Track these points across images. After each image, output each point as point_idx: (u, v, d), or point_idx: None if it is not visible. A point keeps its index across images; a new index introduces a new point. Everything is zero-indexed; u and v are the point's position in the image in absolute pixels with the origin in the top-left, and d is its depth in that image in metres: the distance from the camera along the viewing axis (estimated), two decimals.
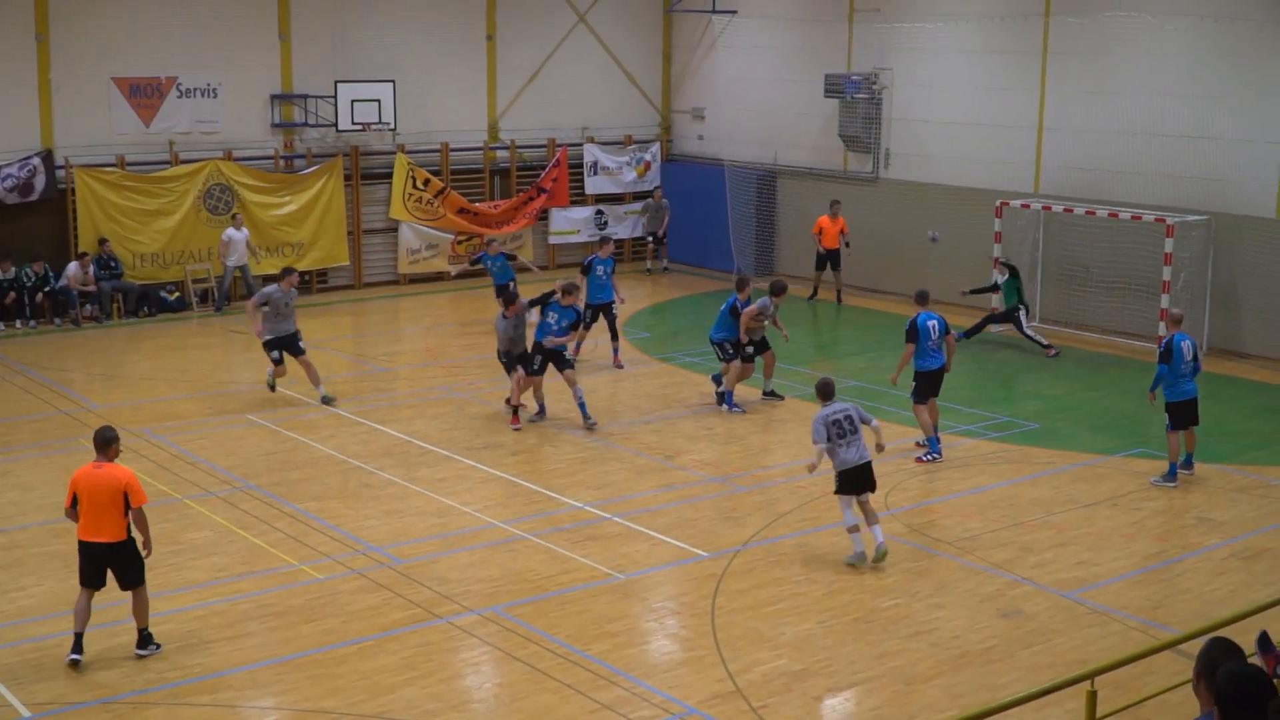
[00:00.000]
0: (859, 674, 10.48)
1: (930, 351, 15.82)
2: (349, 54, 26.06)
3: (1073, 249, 22.86)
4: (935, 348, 15.84)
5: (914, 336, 15.73)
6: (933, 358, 15.82)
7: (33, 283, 22.92)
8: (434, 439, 16.62)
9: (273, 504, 14.21)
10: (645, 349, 21.82)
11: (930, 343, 15.80)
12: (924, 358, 15.81)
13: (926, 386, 15.88)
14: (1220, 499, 14.64)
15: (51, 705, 9.84)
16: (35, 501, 14.35)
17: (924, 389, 15.87)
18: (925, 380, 15.87)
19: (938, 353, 15.86)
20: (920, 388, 15.89)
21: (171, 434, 16.75)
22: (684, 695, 10.04)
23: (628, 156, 29.55)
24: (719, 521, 13.87)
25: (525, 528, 13.55)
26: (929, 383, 15.89)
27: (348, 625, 11.22)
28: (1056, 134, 23.34)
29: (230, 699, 9.97)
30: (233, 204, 24.89)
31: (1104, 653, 10.54)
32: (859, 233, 26.56)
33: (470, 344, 22.29)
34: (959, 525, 13.76)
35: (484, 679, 10.50)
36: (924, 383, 15.87)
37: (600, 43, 29.25)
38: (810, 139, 27.47)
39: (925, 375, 15.84)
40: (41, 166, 23.24)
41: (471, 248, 27.69)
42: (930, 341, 15.79)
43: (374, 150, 26.67)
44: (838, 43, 26.68)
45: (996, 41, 24.07)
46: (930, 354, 15.82)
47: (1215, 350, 21.38)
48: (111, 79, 23.99)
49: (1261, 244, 20.82)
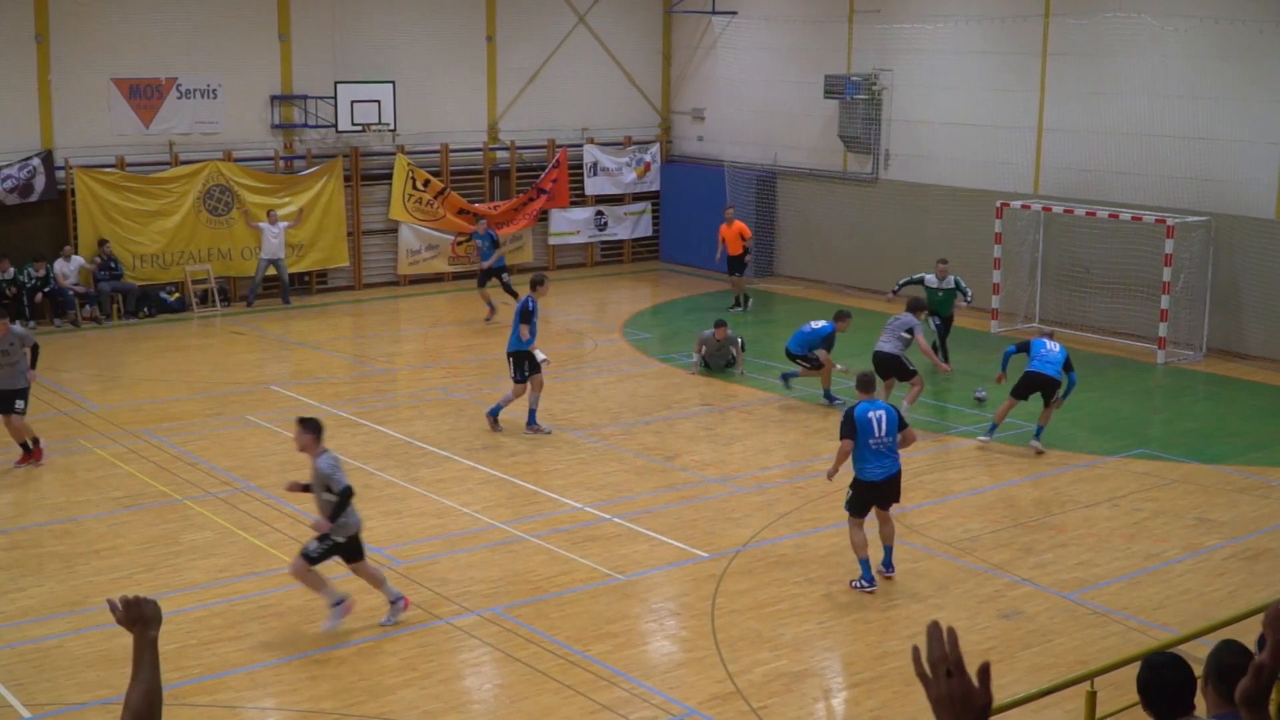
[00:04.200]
0: (859, 675, 10.48)
1: (873, 453, 11.78)
2: (349, 55, 26.07)
3: (1073, 250, 22.86)
4: (881, 448, 11.79)
5: (850, 432, 11.75)
6: (876, 462, 11.79)
7: (33, 283, 22.92)
8: (434, 440, 16.62)
9: (273, 505, 14.21)
10: (645, 349, 21.83)
11: (874, 441, 11.76)
12: (865, 461, 11.80)
13: (865, 499, 11.91)
14: (1220, 500, 14.64)
15: (51, 706, 9.83)
16: (34, 502, 14.35)
17: (861, 502, 11.91)
18: (865, 492, 11.88)
19: (885, 455, 11.81)
20: (857, 499, 11.92)
21: (171, 435, 16.75)
22: (684, 696, 10.04)
23: (628, 157, 29.56)
24: (719, 522, 13.86)
25: (525, 528, 13.55)
26: (869, 495, 11.91)
27: (348, 626, 11.22)
28: (1056, 135, 23.35)
29: (230, 699, 9.96)
30: (233, 204, 24.90)
31: (1104, 653, 10.54)
32: (859, 233, 26.59)
33: (470, 345, 22.30)
34: (959, 526, 13.76)
35: (484, 680, 10.50)
36: (862, 495, 11.90)
37: (600, 43, 29.25)
38: (810, 140, 27.48)
39: (866, 486, 11.86)
40: (41, 167, 23.24)
41: (471, 249, 27.72)
42: (874, 440, 11.75)
43: (374, 151, 26.67)
44: (837, 44, 26.69)
45: (996, 42, 24.08)
46: (873, 457, 11.78)
47: (1215, 351, 21.40)
48: (111, 80, 24.00)
49: (1262, 245, 20.83)
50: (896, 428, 11.88)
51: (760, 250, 28.12)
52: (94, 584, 12.09)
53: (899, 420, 11.95)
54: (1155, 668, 5.16)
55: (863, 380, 12.24)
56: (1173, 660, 5.19)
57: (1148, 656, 5.29)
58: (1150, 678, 5.14)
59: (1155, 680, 5.13)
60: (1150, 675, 5.15)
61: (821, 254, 27.38)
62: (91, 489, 14.76)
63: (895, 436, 11.86)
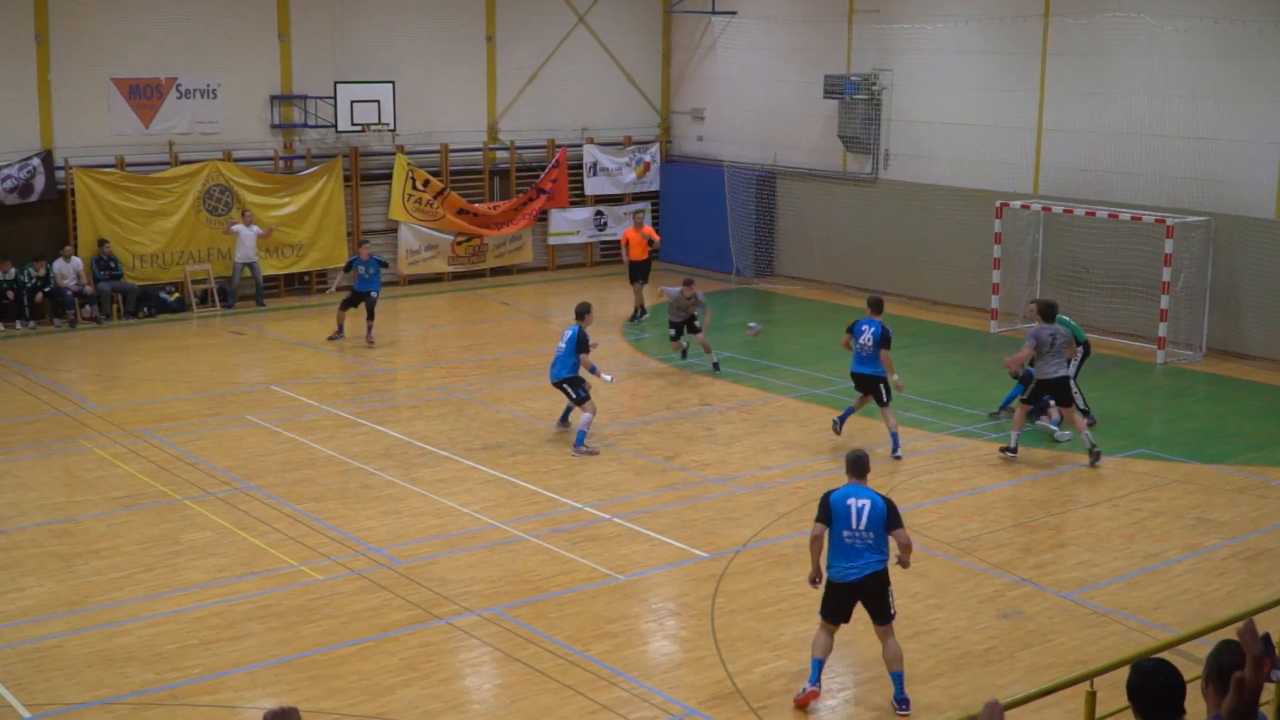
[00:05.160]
0: (859, 675, 10.48)
1: (845, 547, 9.67)
2: (349, 55, 26.07)
3: (1072, 250, 22.86)
4: (856, 543, 9.65)
5: (823, 516, 9.74)
6: (847, 559, 9.67)
7: (33, 283, 22.92)
8: (434, 440, 16.62)
9: (272, 505, 14.21)
10: (645, 349, 21.83)
11: (848, 534, 9.64)
12: (835, 555, 9.72)
13: (834, 602, 9.83)
14: (1220, 499, 14.63)
15: (51, 706, 9.83)
16: (35, 502, 14.35)
17: (829, 605, 9.85)
18: (833, 594, 9.81)
19: (861, 552, 9.65)
20: (825, 601, 9.87)
21: (171, 435, 16.75)
22: (684, 696, 10.04)
23: (627, 157, 29.55)
24: (719, 522, 13.86)
25: (525, 528, 13.55)
26: (840, 599, 9.80)
27: (347, 626, 11.22)
28: (1056, 135, 23.35)
29: (230, 699, 9.96)
30: (233, 204, 24.91)
31: (1104, 653, 10.54)
32: (858, 233, 26.58)
33: (470, 345, 22.30)
34: (959, 526, 13.76)
35: (484, 680, 10.50)
36: (830, 596, 9.84)
37: (600, 43, 29.25)
38: (810, 140, 27.48)
39: (833, 588, 9.79)
40: (41, 167, 23.24)
41: (471, 249, 27.73)
42: (848, 532, 9.63)
43: (373, 151, 26.67)
44: (837, 44, 26.69)
45: (996, 42, 24.08)
46: (844, 551, 9.68)
47: (1215, 351, 21.40)
48: (111, 80, 24.00)
49: (1261, 245, 20.83)
50: (883, 524, 9.61)
51: (760, 250, 28.14)
52: (93, 584, 12.09)
53: (888, 515, 9.64)
54: (1145, 673, 5.14)
55: (852, 461, 9.98)
56: (1162, 665, 5.18)
57: (1137, 662, 5.28)
58: (1140, 682, 5.13)
59: (1146, 685, 5.11)
60: (1140, 680, 5.13)
61: (821, 254, 27.38)
62: (91, 489, 14.76)
63: (879, 533, 9.62)
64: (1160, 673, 5.12)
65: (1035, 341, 15.66)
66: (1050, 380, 15.71)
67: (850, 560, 9.62)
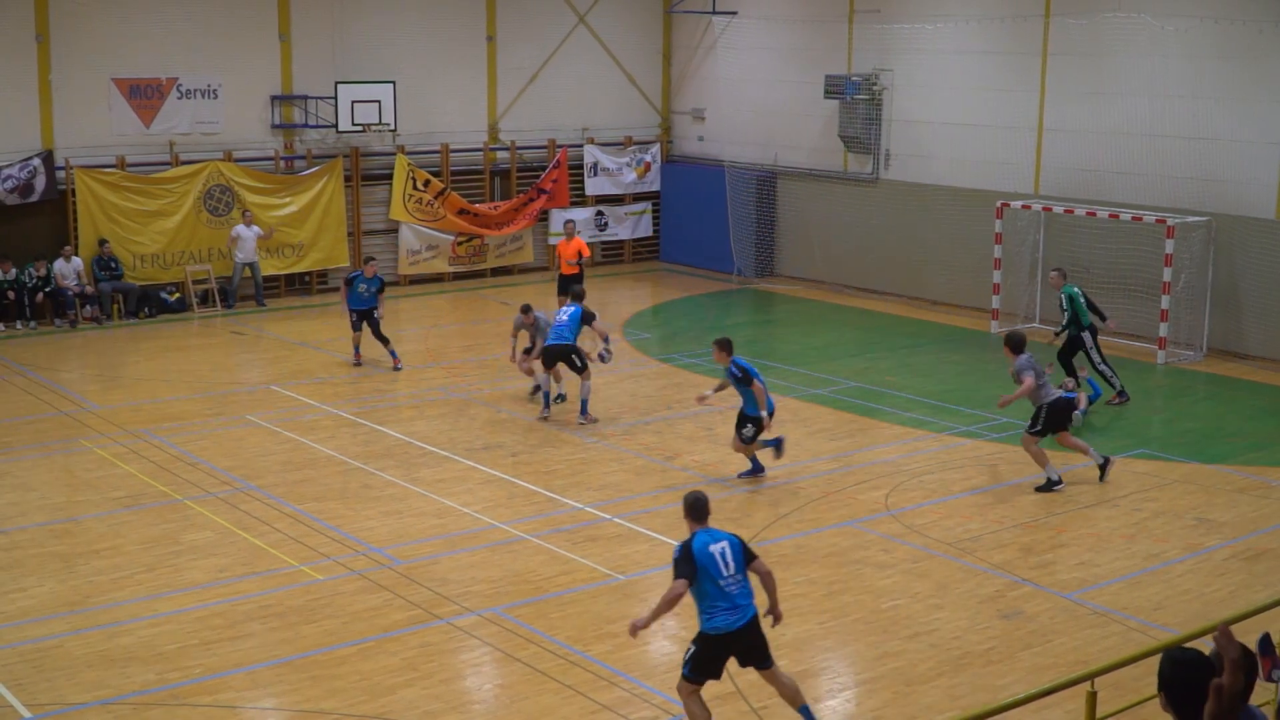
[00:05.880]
0: (859, 675, 10.48)
1: (730, 596, 8.75)
2: (349, 55, 26.08)
3: (1073, 250, 22.84)
4: (738, 587, 8.79)
5: (688, 571, 8.70)
6: (734, 606, 8.77)
7: (33, 283, 22.93)
8: (434, 440, 16.63)
9: (273, 505, 14.21)
10: (646, 350, 21.83)
11: (725, 581, 8.74)
12: (715, 606, 8.76)
13: (713, 657, 8.87)
14: (1220, 500, 14.63)
15: (52, 706, 9.83)
16: (35, 502, 14.35)
17: (706, 662, 8.85)
18: (714, 648, 8.82)
19: (739, 596, 8.79)
20: (701, 659, 8.83)
21: (172, 435, 16.75)
22: None
23: (628, 157, 29.56)
24: (719, 522, 13.68)
25: (526, 529, 13.55)
26: (720, 652, 8.87)
27: (348, 626, 11.23)
28: (1057, 135, 23.35)
29: (231, 700, 9.97)
30: (234, 204, 24.92)
31: (1104, 653, 10.54)
32: (859, 233, 26.58)
33: (470, 345, 22.30)
34: (959, 526, 13.76)
35: (484, 680, 10.50)
36: (710, 652, 8.83)
37: (600, 44, 29.25)
38: (810, 140, 27.48)
39: (715, 641, 8.78)
40: (42, 167, 23.25)
41: (471, 249, 27.73)
42: (724, 580, 8.74)
43: (374, 151, 26.68)
44: (838, 44, 26.69)
45: (997, 42, 24.08)
46: (730, 600, 8.75)
47: (1215, 351, 21.40)
48: (112, 80, 24.00)
49: (1262, 245, 20.82)
50: (744, 560, 8.89)
51: (760, 250, 28.13)
52: (94, 584, 12.10)
53: (744, 550, 8.97)
54: (1184, 665, 4.93)
55: (697, 505, 9.18)
56: (1199, 658, 5.00)
57: (1171, 652, 5.05)
58: (1176, 675, 4.93)
59: (1180, 678, 4.91)
60: (1178, 673, 4.93)
61: (821, 254, 27.38)
62: (92, 489, 14.77)
63: (744, 572, 8.87)
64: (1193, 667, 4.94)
65: (1034, 372, 14.72)
66: (1057, 403, 14.81)
67: (733, 607, 8.77)
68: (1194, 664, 4.96)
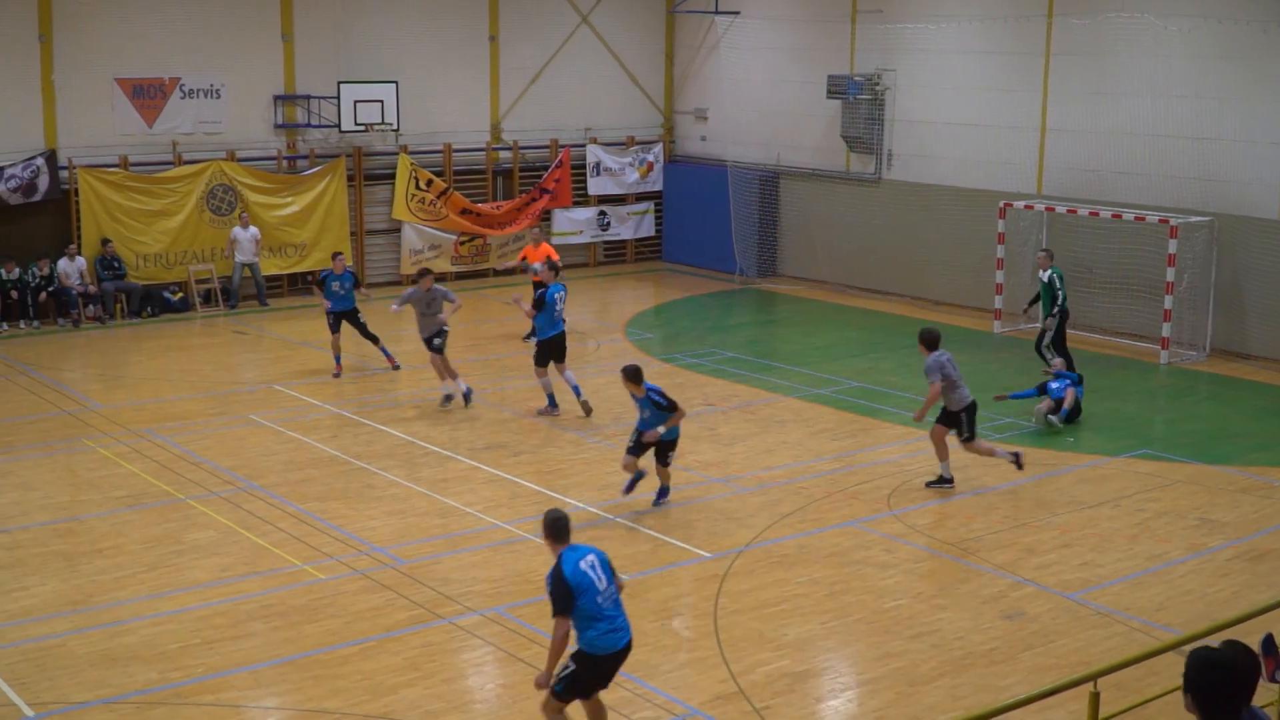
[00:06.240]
0: (861, 675, 10.48)
1: (608, 612, 8.51)
2: (352, 55, 26.09)
3: (1076, 250, 22.83)
4: (613, 601, 8.57)
5: (566, 604, 8.36)
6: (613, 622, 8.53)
7: (37, 283, 22.95)
8: (437, 440, 16.63)
9: (276, 504, 14.22)
10: (648, 350, 21.83)
11: (602, 598, 8.49)
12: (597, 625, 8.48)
13: (596, 676, 8.67)
14: (1223, 500, 14.62)
15: (55, 705, 9.84)
16: (37, 501, 14.36)
17: (586, 682, 8.64)
18: (600, 666, 8.61)
19: (618, 608, 8.60)
20: (579, 680, 8.59)
21: (175, 434, 16.76)
22: (686, 696, 10.04)
23: (630, 157, 29.56)
24: (721, 522, 13.86)
25: (528, 528, 13.55)
26: (604, 671, 8.66)
27: (351, 625, 11.23)
28: (1059, 135, 23.34)
29: (233, 699, 9.97)
30: (235, 204, 24.94)
31: (1107, 654, 10.54)
32: (861, 233, 26.57)
33: (472, 345, 22.31)
34: (962, 526, 13.75)
35: (486, 679, 10.50)
36: (592, 671, 8.61)
37: (603, 43, 29.26)
38: (813, 140, 27.48)
39: (599, 661, 8.55)
40: (45, 167, 23.27)
41: (474, 248, 27.74)
42: (601, 596, 8.49)
43: (377, 151, 26.69)
44: (840, 44, 26.69)
45: (999, 42, 24.07)
46: (609, 616, 8.51)
47: (1218, 351, 21.39)
48: (115, 80, 24.02)
49: (1265, 245, 20.81)
50: (611, 571, 8.67)
51: (763, 250, 28.14)
52: (97, 583, 12.10)
53: (608, 560, 8.74)
54: (1212, 666, 4.89)
55: (559, 524, 8.69)
56: (1226, 658, 4.96)
57: (1199, 652, 4.98)
58: (1204, 677, 4.88)
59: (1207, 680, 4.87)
60: (1205, 675, 4.88)
61: (824, 254, 27.38)
62: (94, 488, 14.78)
63: (615, 584, 8.66)
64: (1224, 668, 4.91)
65: (940, 373, 14.30)
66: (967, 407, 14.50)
67: (613, 623, 8.50)
68: (1223, 664, 4.94)
